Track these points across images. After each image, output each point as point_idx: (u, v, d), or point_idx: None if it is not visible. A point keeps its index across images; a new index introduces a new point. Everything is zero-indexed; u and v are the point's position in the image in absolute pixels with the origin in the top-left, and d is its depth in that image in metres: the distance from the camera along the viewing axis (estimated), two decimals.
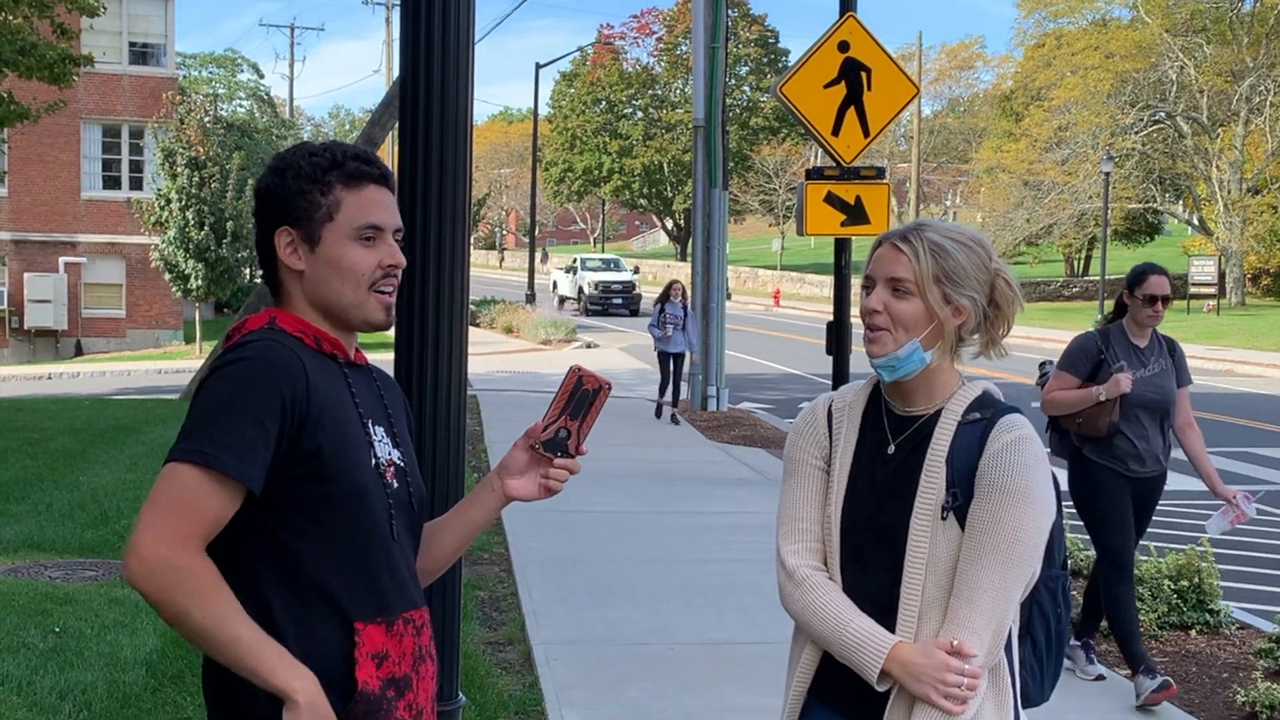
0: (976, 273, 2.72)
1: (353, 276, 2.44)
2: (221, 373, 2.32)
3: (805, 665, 2.79)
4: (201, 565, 2.23)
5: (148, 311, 39.30)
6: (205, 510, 2.24)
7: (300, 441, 2.31)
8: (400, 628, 2.43)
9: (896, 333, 2.70)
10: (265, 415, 2.27)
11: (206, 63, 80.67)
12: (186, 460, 2.24)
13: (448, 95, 3.94)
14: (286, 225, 2.44)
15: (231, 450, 2.23)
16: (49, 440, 14.73)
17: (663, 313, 17.79)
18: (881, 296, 2.72)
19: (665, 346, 17.86)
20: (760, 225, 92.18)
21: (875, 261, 2.75)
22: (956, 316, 2.71)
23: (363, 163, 2.48)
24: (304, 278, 2.45)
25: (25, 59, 17.22)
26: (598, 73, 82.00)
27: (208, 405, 2.29)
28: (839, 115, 10.28)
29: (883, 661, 2.61)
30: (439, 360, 3.96)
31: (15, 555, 8.92)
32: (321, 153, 2.47)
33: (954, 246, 2.70)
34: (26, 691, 5.98)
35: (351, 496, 2.36)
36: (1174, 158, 52.27)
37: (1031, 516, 2.61)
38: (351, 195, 2.45)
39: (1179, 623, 7.74)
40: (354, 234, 2.44)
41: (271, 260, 2.48)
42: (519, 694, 6.43)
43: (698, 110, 19.66)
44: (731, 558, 9.67)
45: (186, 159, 34.64)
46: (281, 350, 2.35)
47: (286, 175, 2.44)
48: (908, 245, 2.70)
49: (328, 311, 2.47)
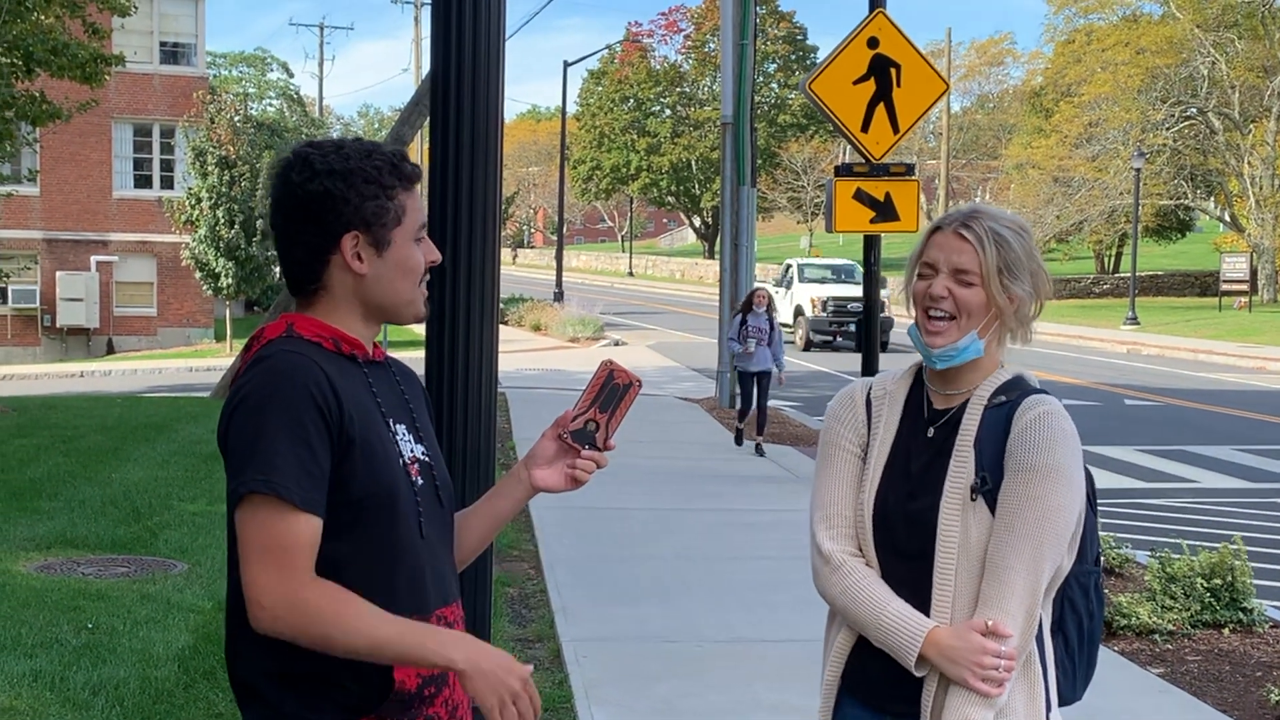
0: (1029, 262, 2.72)
1: (415, 276, 2.47)
2: (258, 398, 2.30)
3: (839, 650, 2.79)
4: (318, 593, 2.25)
5: (178, 309, 39.50)
6: (297, 540, 2.26)
7: (339, 454, 2.33)
8: (435, 625, 2.44)
9: (961, 322, 2.69)
10: (316, 440, 2.28)
11: (237, 62, 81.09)
12: (256, 494, 2.25)
13: (479, 92, 3.94)
14: (357, 230, 2.41)
15: (294, 479, 2.25)
16: (81, 438, 14.82)
17: (744, 325, 15.10)
18: (946, 284, 2.70)
19: (746, 364, 15.14)
20: (788, 222, 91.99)
21: (936, 247, 2.73)
22: (1012, 305, 2.71)
23: (410, 164, 2.48)
24: (364, 280, 2.43)
25: (57, 58, 17.32)
26: (626, 70, 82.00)
27: (257, 433, 2.28)
28: (868, 111, 10.25)
29: (920, 646, 2.60)
30: (469, 357, 3.96)
31: (48, 552, 8.97)
32: (375, 155, 2.44)
33: (1013, 236, 2.70)
34: (59, 687, 6.02)
35: (383, 500, 2.37)
36: (1205, 154, 51.92)
37: (1059, 493, 2.59)
38: (408, 197, 2.46)
39: (1212, 621, 7.69)
40: (414, 235, 2.47)
41: (320, 263, 2.43)
42: (548, 691, 6.43)
43: (726, 107, 19.63)
44: (761, 555, 9.66)
45: (217, 158, 34.82)
46: (309, 365, 2.33)
47: (354, 179, 2.40)
48: (971, 234, 2.69)
49: (379, 310, 2.47)
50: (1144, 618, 7.55)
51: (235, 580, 2.38)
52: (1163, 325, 41.34)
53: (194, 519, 10.06)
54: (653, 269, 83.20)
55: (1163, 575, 7.89)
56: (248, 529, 2.27)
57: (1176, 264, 63.47)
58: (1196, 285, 56.68)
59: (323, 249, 2.42)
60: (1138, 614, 7.58)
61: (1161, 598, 7.75)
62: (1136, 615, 7.58)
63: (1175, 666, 7.09)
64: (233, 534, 2.36)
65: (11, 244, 36.73)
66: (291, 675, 2.35)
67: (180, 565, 8.66)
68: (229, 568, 2.42)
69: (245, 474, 2.26)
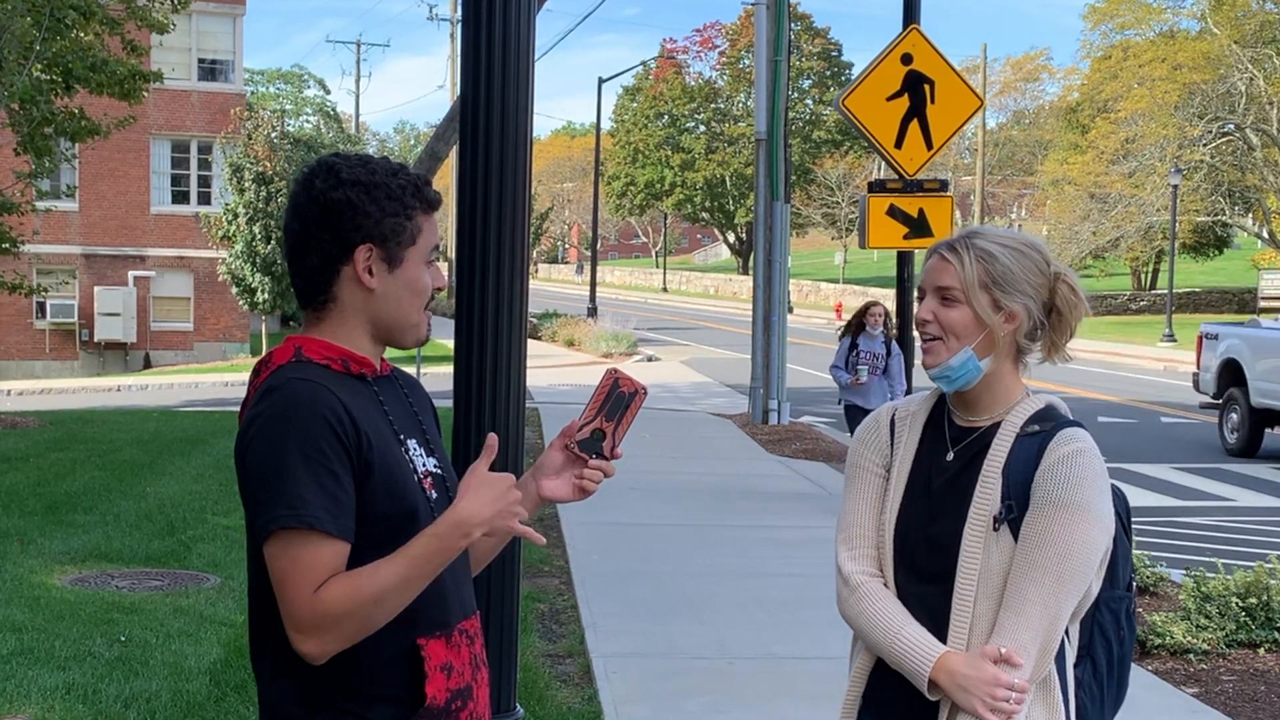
0: (1030, 277, 2.69)
1: (422, 299, 2.48)
2: (274, 430, 2.31)
3: (859, 670, 2.79)
4: (333, 595, 2.26)
5: (215, 325, 39.74)
6: (323, 565, 2.27)
7: (359, 480, 2.34)
8: (457, 639, 2.45)
9: (949, 341, 2.68)
10: (339, 466, 2.29)
11: (274, 79, 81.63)
12: (286, 528, 2.26)
13: (508, 110, 3.96)
14: (372, 243, 2.42)
15: (324, 508, 2.26)
16: (117, 451, 14.92)
17: (855, 350, 12.02)
18: (930, 306, 2.71)
19: (857, 398, 12.15)
20: (823, 238, 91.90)
21: (925, 272, 2.75)
22: (1009, 323, 2.68)
23: (433, 190, 2.50)
24: (373, 295, 2.44)
25: (96, 75, 17.50)
26: (660, 87, 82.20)
27: (279, 466, 2.28)
28: (902, 128, 10.25)
29: (931, 671, 2.59)
30: (498, 372, 3.97)
31: (83, 565, 9.03)
32: (400, 174, 2.46)
33: (1003, 252, 2.68)
34: (92, 700, 6.05)
35: (403, 519, 2.38)
36: (1243, 170, 51.57)
37: (1084, 531, 2.57)
38: (426, 221, 2.48)
39: (1247, 641, 7.62)
40: (426, 257, 2.48)
41: (331, 272, 2.44)
42: (578, 706, 6.43)
43: (760, 123, 19.64)
44: (792, 572, 9.63)
45: (254, 174, 35.05)
46: (324, 393, 2.33)
47: (376, 193, 2.41)
48: (954, 254, 2.69)
49: (385, 329, 2.48)
50: (1178, 637, 7.49)
51: (257, 608, 2.40)
52: None
53: (227, 533, 10.11)
54: (686, 285, 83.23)
55: (1198, 594, 7.83)
56: (280, 563, 2.27)
57: (1214, 281, 63.04)
58: (1234, 302, 56.27)
59: (336, 258, 2.43)
60: (1172, 633, 7.52)
61: (1196, 617, 7.69)
62: (1171, 634, 7.51)
63: (1210, 686, 7.03)
64: (255, 565, 2.37)
65: (50, 259, 37.07)
66: (321, 698, 2.36)
67: (213, 579, 8.70)
68: (250, 596, 2.43)
69: (275, 509, 2.26)
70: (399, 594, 2.27)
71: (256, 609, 2.41)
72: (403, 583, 2.27)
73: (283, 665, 2.35)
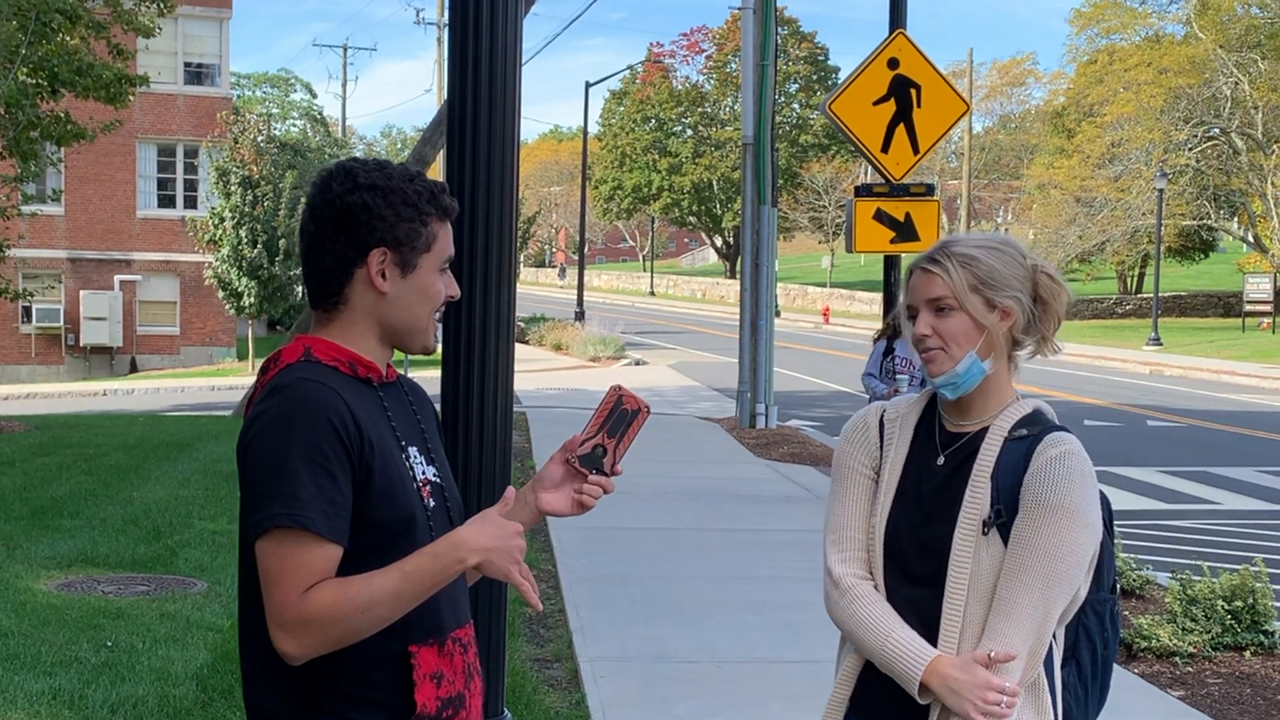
0: (1014, 271, 2.72)
1: (433, 305, 2.49)
2: (278, 428, 2.31)
3: (846, 673, 2.79)
4: (321, 598, 2.26)
5: (201, 329, 39.68)
6: (313, 566, 2.27)
7: (358, 483, 2.34)
8: (450, 647, 2.46)
9: (950, 350, 2.70)
10: (338, 469, 2.30)
11: (260, 82, 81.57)
12: (281, 527, 2.26)
13: (495, 113, 3.96)
14: (386, 247, 2.43)
15: (319, 510, 2.27)
16: (103, 456, 14.88)
17: (890, 355, 11.07)
18: (926, 320, 2.73)
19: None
20: (810, 242, 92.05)
21: (911, 290, 2.76)
22: (1004, 320, 2.71)
23: (450, 199, 2.51)
24: (384, 299, 2.45)
25: (82, 79, 17.45)
26: (647, 91, 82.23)
27: (279, 465, 2.29)
28: (888, 132, 10.27)
29: (922, 674, 2.60)
30: (485, 377, 3.97)
31: (69, 570, 9.01)
32: (417, 181, 2.47)
33: (982, 253, 2.72)
34: (78, 705, 6.04)
35: (401, 526, 2.39)
36: (1228, 174, 51.73)
37: (1073, 533, 2.59)
38: (441, 229, 2.49)
39: (1233, 643, 7.64)
40: (439, 265, 2.49)
41: (345, 274, 2.45)
42: (565, 711, 6.43)
43: (747, 127, 19.66)
44: (780, 576, 9.64)
45: (240, 178, 35.02)
46: (330, 395, 2.34)
47: (392, 198, 2.42)
48: (936, 265, 2.72)
49: (394, 333, 2.49)
50: (1164, 640, 7.51)
51: (247, 608, 2.40)
52: (1185, 346, 41.18)
53: (214, 538, 10.09)
54: (674, 288, 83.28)
55: (1183, 597, 7.85)
56: (270, 561, 2.27)
57: (1199, 284, 63.24)
58: (1220, 306, 56.46)
59: (350, 261, 2.44)
60: (1158, 636, 7.54)
61: (1182, 620, 7.71)
62: (1157, 637, 7.53)
63: (1196, 689, 7.05)
64: (246, 564, 2.37)
65: (36, 263, 36.99)
66: (309, 702, 2.36)
67: (200, 584, 8.68)
68: (241, 597, 2.43)
69: (271, 507, 2.26)
70: (388, 606, 2.28)
71: (246, 610, 2.41)
72: (393, 596, 2.27)
73: (272, 667, 2.35)
